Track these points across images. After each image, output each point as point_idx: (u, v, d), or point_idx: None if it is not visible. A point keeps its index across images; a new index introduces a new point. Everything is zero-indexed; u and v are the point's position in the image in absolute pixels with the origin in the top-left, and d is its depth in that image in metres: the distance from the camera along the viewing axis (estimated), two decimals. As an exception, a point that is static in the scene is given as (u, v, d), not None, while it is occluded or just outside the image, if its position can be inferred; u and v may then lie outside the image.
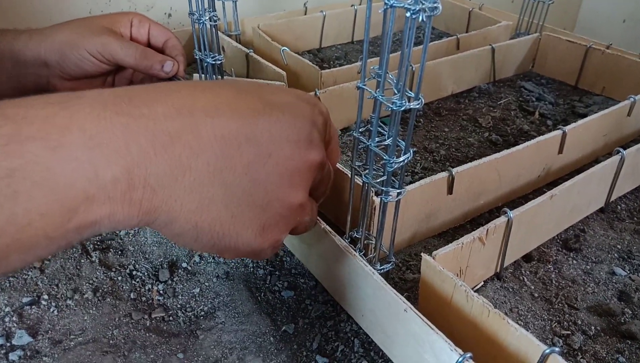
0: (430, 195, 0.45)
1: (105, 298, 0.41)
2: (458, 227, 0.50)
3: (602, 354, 0.38)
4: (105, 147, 0.24)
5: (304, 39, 0.88)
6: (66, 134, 0.23)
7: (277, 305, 0.41)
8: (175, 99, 0.27)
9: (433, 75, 0.71)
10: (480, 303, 0.33)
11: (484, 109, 0.72)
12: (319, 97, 0.60)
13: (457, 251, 0.38)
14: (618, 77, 0.73)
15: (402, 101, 0.29)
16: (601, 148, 0.61)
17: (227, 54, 0.75)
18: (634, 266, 0.46)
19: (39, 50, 0.59)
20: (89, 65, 0.60)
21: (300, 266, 0.45)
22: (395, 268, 0.45)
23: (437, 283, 0.36)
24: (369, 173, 0.35)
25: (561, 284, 0.44)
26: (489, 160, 0.47)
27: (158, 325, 0.39)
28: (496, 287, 0.43)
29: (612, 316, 0.41)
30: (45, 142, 0.23)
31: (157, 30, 0.65)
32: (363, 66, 0.32)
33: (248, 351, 0.37)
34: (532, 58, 0.82)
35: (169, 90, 0.28)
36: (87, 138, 0.23)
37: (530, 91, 0.76)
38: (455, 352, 0.29)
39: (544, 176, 0.55)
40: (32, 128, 0.23)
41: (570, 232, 0.50)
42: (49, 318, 0.39)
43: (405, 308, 0.32)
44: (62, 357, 0.36)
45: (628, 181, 0.54)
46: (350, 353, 0.37)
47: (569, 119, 0.68)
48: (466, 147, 0.63)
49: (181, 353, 0.37)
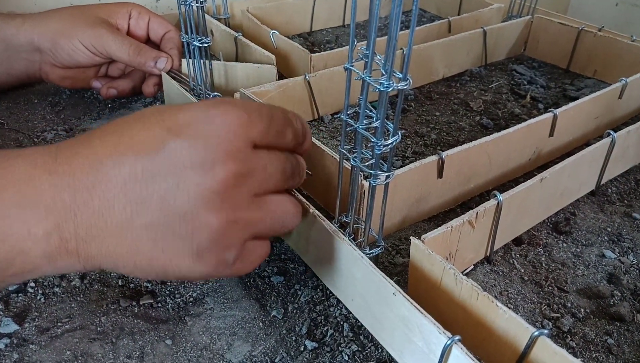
0: (420, 179, 0.44)
1: (92, 285, 0.41)
2: (448, 211, 0.49)
3: (591, 336, 0.38)
4: (35, 205, 0.26)
5: (294, 23, 0.87)
6: (2, 193, 0.26)
7: (266, 290, 0.41)
8: (90, 150, 0.28)
9: (424, 58, 0.70)
10: (469, 286, 0.32)
11: (476, 92, 0.71)
12: (308, 82, 0.59)
13: (446, 234, 0.38)
14: (610, 60, 0.72)
15: (389, 82, 0.29)
16: (592, 130, 0.60)
17: (216, 38, 0.74)
18: (623, 249, 0.46)
19: (32, 36, 0.57)
20: (81, 56, 0.59)
21: (290, 251, 0.44)
22: (385, 252, 0.44)
23: (426, 267, 0.35)
24: (357, 156, 0.35)
25: (551, 267, 0.44)
26: (479, 143, 0.47)
27: (146, 312, 0.39)
28: (486, 271, 0.43)
29: (602, 299, 0.41)
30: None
31: (157, 23, 0.64)
32: (350, 47, 0.31)
33: (237, 336, 0.37)
34: (524, 41, 0.82)
35: (90, 139, 0.29)
36: (21, 196, 0.25)
37: (522, 74, 0.76)
38: (443, 335, 0.29)
39: (534, 160, 0.55)
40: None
41: (561, 215, 0.50)
42: (35, 305, 0.39)
43: (394, 291, 0.32)
44: (49, 344, 0.36)
45: (619, 163, 0.54)
46: (339, 337, 0.37)
47: (561, 103, 0.67)
48: (457, 131, 0.62)
49: (169, 339, 0.37)
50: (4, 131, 0.59)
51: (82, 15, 0.59)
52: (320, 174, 0.46)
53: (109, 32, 0.58)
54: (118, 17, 0.61)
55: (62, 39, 0.57)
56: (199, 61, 0.54)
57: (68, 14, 0.59)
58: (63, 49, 0.58)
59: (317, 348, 0.37)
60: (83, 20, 0.58)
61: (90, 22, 0.58)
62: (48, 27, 0.57)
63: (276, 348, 0.37)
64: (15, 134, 0.58)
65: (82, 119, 0.63)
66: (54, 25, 0.58)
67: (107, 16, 0.60)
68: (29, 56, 0.59)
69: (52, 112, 0.63)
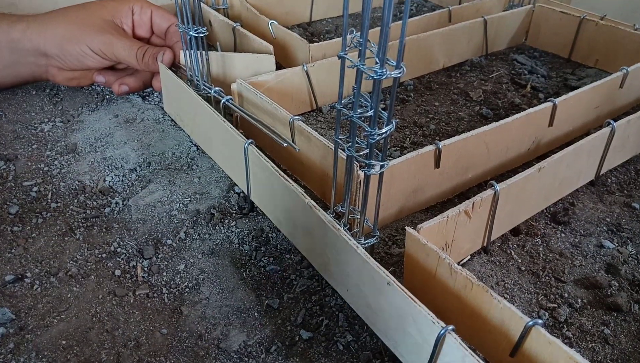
0: (417, 169, 0.44)
1: (89, 275, 0.41)
2: (446, 202, 0.49)
3: (588, 326, 0.38)
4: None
5: (294, 13, 0.86)
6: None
7: (262, 280, 0.41)
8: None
9: (424, 48, 0.69)
10: (464, 276, 0.32)
11: (476, 82, 0.71)
12: (306, 72, 0.59)
13: (442, 224, 0.37)
14: (612, 49, 0.72)
15: (382, 69, 0.29)
16: (593, 120, 0.60)
17: (215, 28, 0.73)
18: (622, 239, 0.46)
19: (39, 42, 0.57)
20: (90, 60, 0.59)
21: (286, 241, 0.44)
22: (382, 242, 0.44)
23: (422, 257, 0.35)
24: (351, 145, 0.34)
25: (549, 257, 0.44)
26: (477, 133, 0.46)
27: (142, 302, 0.39)
28: (483, 261, 0.43)
29: (599, 289, 0.41)
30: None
31: (159, 17, 0.63)
32: (344, 35, 0.31)
33: (232, 326, 0.37)
34: (526, 30, 0.81)
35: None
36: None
37: (523, 64, 0.75)
38: (437, 325, 0.29)
39: (534, 149, 0.54)
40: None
41: (560, 205, 0.49)
42: (32, 295, 0.39)
43: (389, 281, 0.32)
44: (45, 333, 0.36)
45: (619, 153, 0.54)
46: (334, 327, 0.37)
47: (561, 92, 0.67)
48: (456, 121, 0.62)
49: (165, 329, 0.37)
50: (2, 122, 0.59)
51: (88, 19, 0.58)
52: (316, 164, 0.46)
53: (117, 39, 0.58)
54: (122, 15, 0.61)
55: (70, 45, 0.57)
56: (196, 51, 0.54)
57: (74, 17, 0.58)
58: (71, 54, 0.58)
59: (312, 337, 0.37)
60: (90, 24, 0.58)
61: (97, 27, 0.58)
62: (55, 33, 0.57)
63: (271, 338, 0.37)
64: (13, 125, 0.58)
65: (80, 110, 0.62)
66: (61, 32, 0.57)
67: (111, 17, 0.60)
68: (36, 60, 0.59)
69: (50, 103, 0.63)
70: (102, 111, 0.63)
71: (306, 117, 0.61)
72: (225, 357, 0.35)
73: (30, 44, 0.57)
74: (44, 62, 0.60)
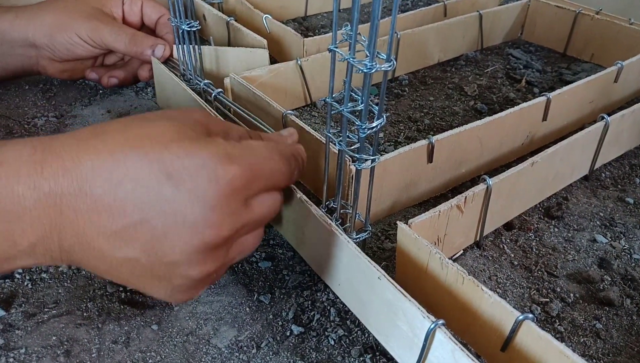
0: (410, 164, 0.44)
1: (80, 271, 0.41)
2: (439, 196, 0.49)
3: (580, 321, 0.38)
4: (20, 221, 0.26)
5: (289, 8, 0.86)
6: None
7: (254, 275, 0.41)
8: (75, 161, 0.27)
9: (419, 43, 0.69)
10: (455, 270, 0.32)
11: (471, 77, 0.71)
12: (300, 66, 0.59)
13: (433, 219, 0.37)
14: (607, 43, 0.71)
15: (372, 63, 0.28)
16: (587, 115, 0.60)
17: (209, 23, 0.73)
18: (615, 234, 0.46)
19: (27, 31, 0.57)
20: (80, 49, 0.58)
21: (278, 236, 0.44)
22: (374, 237, 0.44)
23: (413, 251, 0.35)
24: (342, 140, 0.34)
25: (541, 252, 0.44)
26: (470, 128, 0.46)
27: (133, 298, 0.39)
28: (476, 256, 0.43)
29: (592, 284, 0.41)
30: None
31: (150, 7, 0.63)
32: (334, 28, 0.31)
33: (223, 322, 0.37)
34: (521, 25, 0.81)
35: (79, 149, 0.27)
36: (5, 212, 0.25)
37: (518, 58, 0.75)
38: (427, 319, 0.29)
39: (527, 144, 0.54)
40: None
41: (553, 200, 0.49)
42: (22, 291, 0.39)
43: (379, 276, 0.32)
44: (36, 329, 0.36)
45: (613, 148, 0.54)
46: (326, 322, 0.37)
47: (557, 87, 0.66)
48: (451, 116, 0.62)
49: (155, 324, 0.37)
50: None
51: (76, 7, 0.58)
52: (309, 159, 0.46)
53: (105, 24, 0.57)
54: (112, 4, 0.61)
55: (58, 33, 0.57)
56: (188, 45, 0.53)
57: (62, 6, 0.58)
58: (61, 43, 0.57)
59: (304, 333, 0.36)
60: (78, 12, 0.57)
61: (85, 14, 0.58)
62: (43, 22, 0.57)
63: (262, 333, 0.36)
64: (5, 120, 0.58)
65: (73, 105, 0.62)
66: (49, 20, 0.57)
67: (101, 5, 0.60)
68: (25, 51, 0.59)
69: (43, 98, 0.63)
70: (95, 105, 0.62)
71: (300, 112, 0.61)
72: (216, 352, 0.35)
73: (18, 35, 0.57)
74: (33, 54, 0.59)
